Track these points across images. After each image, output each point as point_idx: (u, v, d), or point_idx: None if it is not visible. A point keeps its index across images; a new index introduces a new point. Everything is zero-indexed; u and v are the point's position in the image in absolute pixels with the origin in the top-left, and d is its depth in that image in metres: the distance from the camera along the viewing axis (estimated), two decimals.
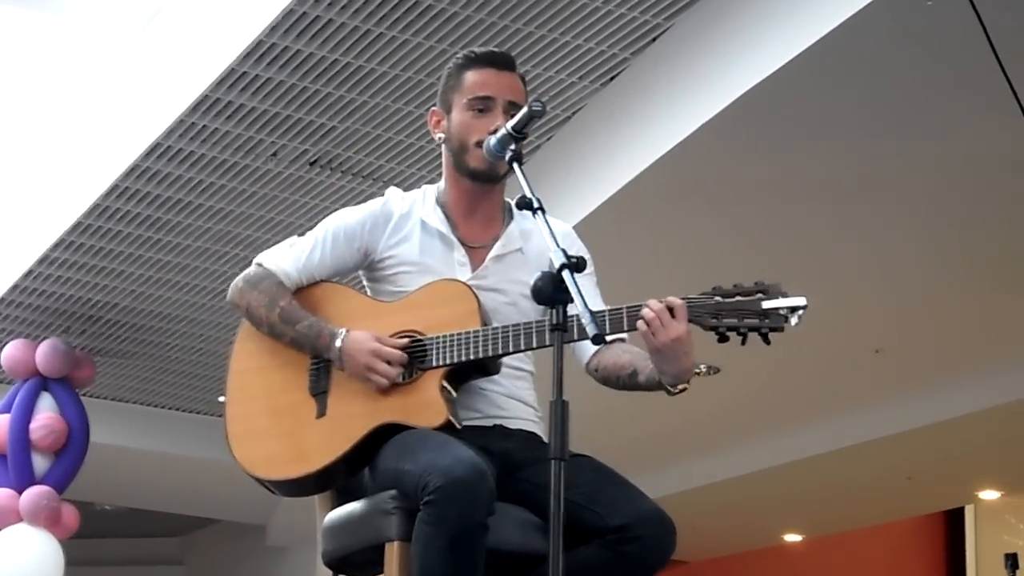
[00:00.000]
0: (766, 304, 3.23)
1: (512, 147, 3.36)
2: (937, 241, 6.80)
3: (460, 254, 3.58)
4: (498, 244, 3.60)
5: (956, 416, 8.64)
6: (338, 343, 3.44)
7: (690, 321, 3.24)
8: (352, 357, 3.42)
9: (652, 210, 6.49)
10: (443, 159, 3.66)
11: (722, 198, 6.48)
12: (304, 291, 3.63)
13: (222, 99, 6.38)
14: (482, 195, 3.59)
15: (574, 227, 3.77)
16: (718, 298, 3.25)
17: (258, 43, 5.94)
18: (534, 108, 3.33)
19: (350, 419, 3.43)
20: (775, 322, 3.21)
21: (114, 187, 7.14)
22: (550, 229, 3.14)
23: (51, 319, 8.79)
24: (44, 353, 8.79)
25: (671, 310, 3.21)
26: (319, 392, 3.50)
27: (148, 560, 14.00)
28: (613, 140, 6.24)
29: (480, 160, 3.51)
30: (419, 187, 3.76)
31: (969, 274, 7.14)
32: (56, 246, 7.79)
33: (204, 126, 6.60)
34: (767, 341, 3.23)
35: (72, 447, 8.86)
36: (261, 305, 3.58)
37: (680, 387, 3.31)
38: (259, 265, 3.66)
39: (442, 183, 3.69)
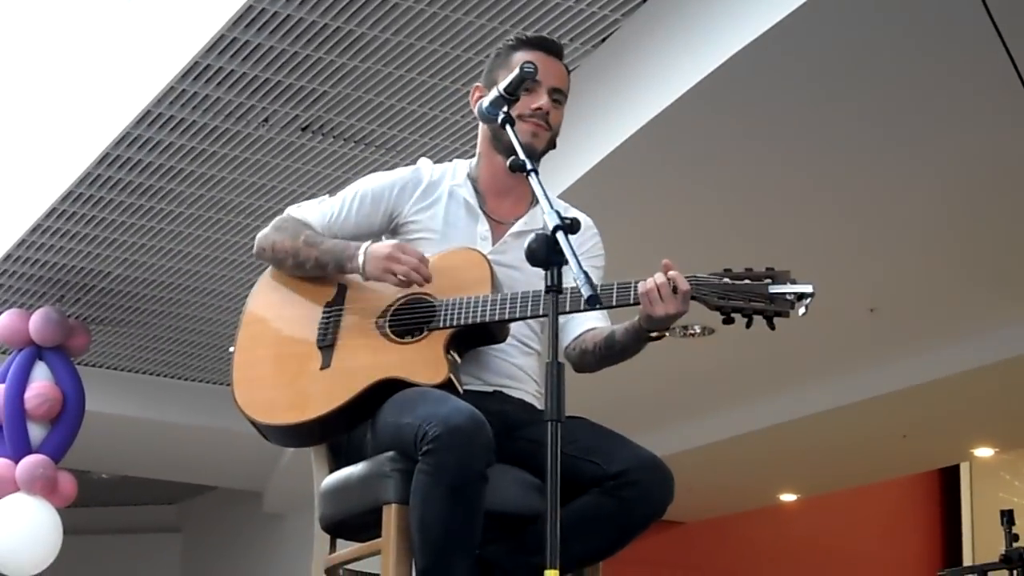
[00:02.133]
0: (773, 289, 3.26)
1: (504, 109, 3.38)
2: (931, 201, 6.80)
3: (484, 228, 3.65)
4: (520, 221, 3.67)
5: (951, 374, 8.65)
6: (362, 251, 3.53)
7: (696, 299, 3.30)
8: (375, 254, 3.50)
9: (642, 174, 6.48)
10: (480, 134, 3.70)
11: (713, 162, 6.47)
12: None
13: (212, 65, 6.36)
14: (516, 176, 3.60)
15: (563, 192, 3.80)
16: (727, 280, 3.29)
17: (248, 8, 5.92)
18: (525, 69, 3.35)
19: (352, 372, 3.48)
20: (781, 307, 3.25)
21: (105, 155, 7.13)
22: (544, 191, 3.15)
23: (45, 288, 8.79)
24: (38, 322, 8.78)
25: (675, 288, 3.25)
26: (326, 345, 3.55)
27: (145, 528, 14.03)
28: (605, 102, 6.22)
29: (525, 132, 3.55)
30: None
31: (964, 233, 7.14)
32: (48, 215, 7.79)
33: (195, 93, 6.58)
34: (772, 326, 3.27)
35: (67, 416, 8.86)
36: (286, 239, 3.66)
37: (656, 333, 3.39)
38: (287, 213, 3.75)
39: (475, 159, 3.76)
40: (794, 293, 3.25)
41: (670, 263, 3.31)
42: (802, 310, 3.25)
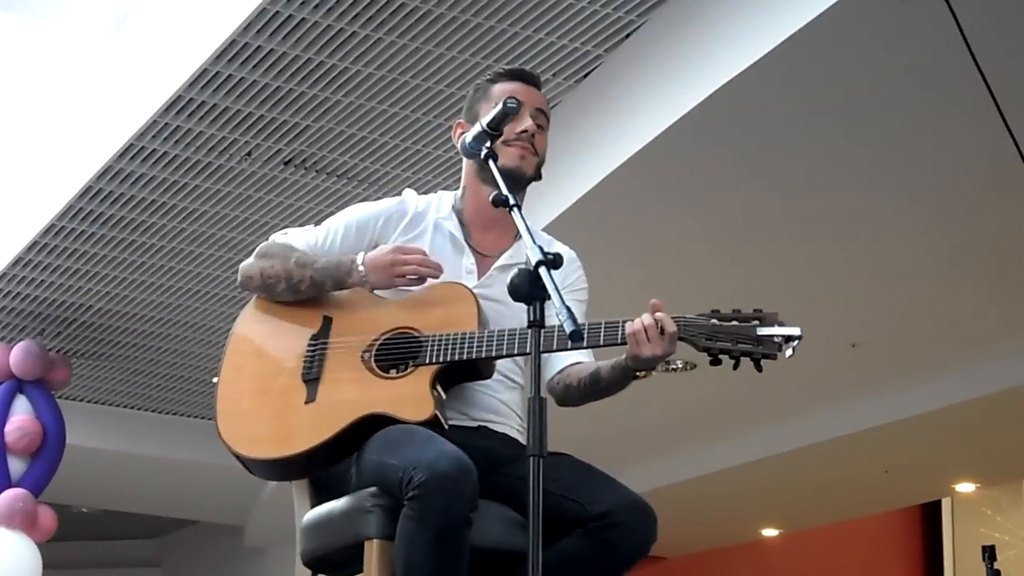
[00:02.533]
0: (761, 331, 3.26)
1: (487, 144, 3.38)
2: (913, 236, 6.81)
3: (469, 261, 3.64)
4: (506, 255, 3.65)
5: (932, 409, 8.66)
6: (360, 263, 3.52)
7: (684, 340, 3.30)
8: (376, 261, 3.51)
9: (626, 207, 6.49)
10: (465, 167, 3.69)
11: (696, 195, 6.48)
12: None
13: (195, 99, 6.36)
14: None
15: (547, 225, 3.80)
16: (715, 320, 3.29)
17: (231, 43, 5.93)
18: (508, 105, 3.35)
19: (337, 407, 3.45)
20: (768, 349, 3.25)
21: (88, 188, 7.12)
22: (526, 225, 3.15)
23: (25, 321, 8.77)
24: (19, 356, 8.75)
25: (663, 330, 3.26)
26: (311, 379, 3.53)
27: (126, 562, 13.96)
28: (587, 136, 6.24)
29: (511, 156, 3.56)
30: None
31: (945, 269, 7.16)
32: (30, 248, 7.77)
33: (178, 126, 6.58)
34: (759, 368, 3.27)
35: (48, 449, 8.83)
36: (275, 263, 3.65)
37: (642, 373, 3.38)
38: (272, 239, 3.75)
39: (460, 191, 3.75)
40: (782, 336, 3.25)
41: (659, 304, 3.31)
42: (789, 352, 3.25)
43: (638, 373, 3.39)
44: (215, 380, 3.69)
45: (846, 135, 5.96)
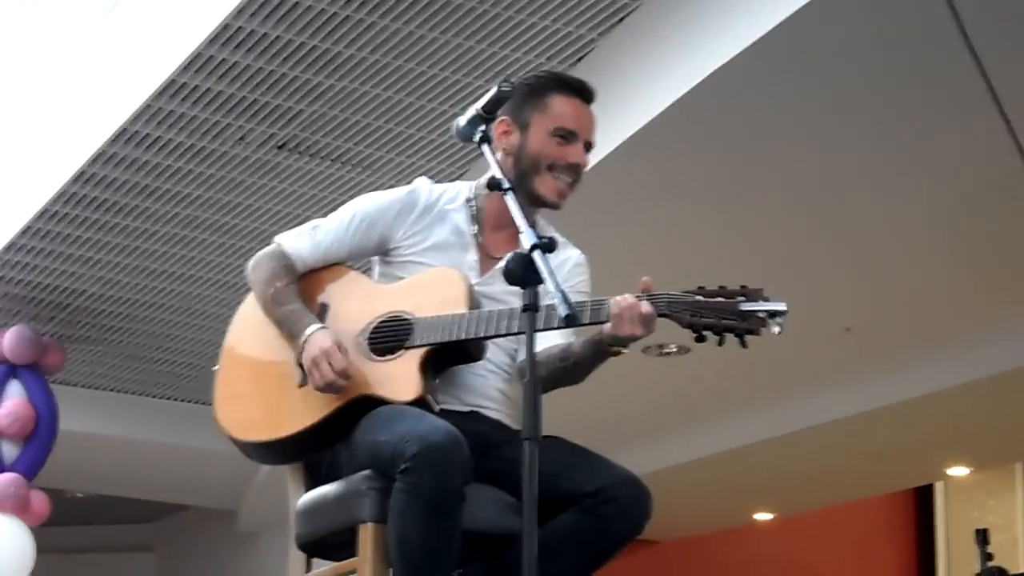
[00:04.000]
0: (745, 306, 3.25)
1: (482, 128, 3.39)
2: (907, 220, 6.82)
3: (473, 258, 3.63)
4: None
5: (926, 393, 8.67)
6: (304, 335, 3.49)
7: (668, 316, 3.29)
8: (307, 351, 3.46)
9: (620, 192, 6.49)
10: (499, 164, 3.58)
11: (690, 180, 6.48)
12: (315, 270, 3.70)
13: (188, 83, 6.35)
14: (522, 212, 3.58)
15: (539, 212, 3.78)
16: (699, 297, 3.28)
17: (224, 26, 5.92)
18: (502, 89, 3.36)
19: None
20: (752, 324, 3.24)
21: (80, 173, 7.11)
22: (520, 211, 3.16)
23: (19, 306, 8.76)
24: (12, 340, 8.75)
25: (640, 314, 3.24)
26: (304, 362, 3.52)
27: (119, 547, 13.95)
28: None
29: (551, 191, 3.58)
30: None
31: (939, 253, 7.16)
32: (23, 233, 7.76)
33: (171, 111, 6.57)
34: (743, 344, 3.26)
35: (40, 434, 8.82)
36: (261, 282, 3.65)
37: (617, 348, 3.36)
38: (277, 244, 3.72)
39: (479, 184, 3.70)
40: (766, 311, 3.24)
41: (649, 282, 3.31)
42: (776, 328, 3.24)
43: (612, 348, 3.38)
44: (215, 368, 3.71)
45: (841, 120, 5.96)
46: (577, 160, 3.61)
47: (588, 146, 3.66)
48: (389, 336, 3.49)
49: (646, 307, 3.25)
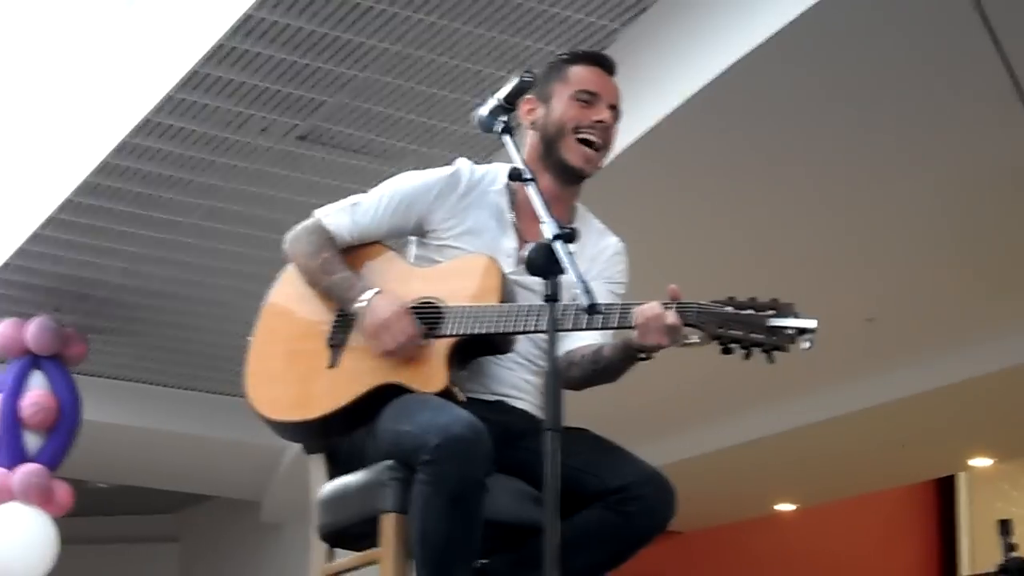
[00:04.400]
0: (774, 322, 3.22)
1: (503, 118, 3.38)
2: (929, 211, 6.80)
3: (511, 244, 3.60)
4: None
5: (948, 384, 8.65)
6: (365, 298, 3.47)
7: (695, 326, 3.27)
8: (374, 312, 3.44)
9: (641, 183, 6.48)
10: (529, 146, 3.60)
11: (712, 172, 6.47)
12: (351, 248, 3.68)
13: (211, 75, 6.36)
14: (556, 195, 3.56)
15: None
16: (730, 308, 3.25)
17: (247, 17, 5.92)
18: (524, 79, 3.36)
19: (357, 374, 3.48)
20: (780, 341, 3.22)
21: (104, 164, 7.13)
22: (541, 199, 3.15)
23: (42, 297, 8.78)
24: (35, 331, 8.77)
25: (665, 324, 3.23)
26: (335, 344, 3.54)
27: (143, 537, 13.99)
28: None
29: (575, 152, 3.55)
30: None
31: (962, 243, 7.14)
32: (46, 224, 7.78)
33: (193, 102, 6.58)
34: (771, 360, 3.22)
35: (63, 425, 8.85)
36: (305, 254, 3.63)
37: (643, 355, 3.36)
38: (317, 219, 3.70)
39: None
40: (796, 328, 3.21)
41: (676, 290, 3.28)
42: (806, 344, 3.21)
43: (640, 355, 3.36)
44: (250, 338, 3.71)
45: (859, 112, 5.94)
46: (601, 117, 3.57)
47: (615, 111, 3.62)
48: (420, 323, 3.48)
49: (672, 317, 3.23)
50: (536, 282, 3.32)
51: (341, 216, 3.68)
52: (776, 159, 6.34)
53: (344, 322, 3.55)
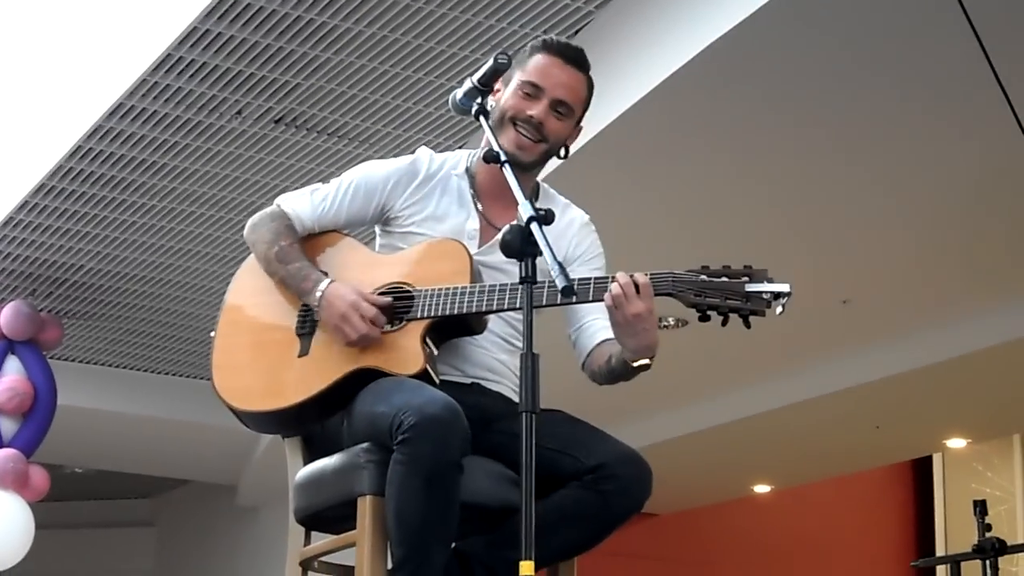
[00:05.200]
0: (750, 287, 3.24)
1: (478, 100, 3.38)
2: (904, 192, 6.81)
3: (473, 226, 3.61)
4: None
5: (924, 365, 8.68)
6: (319, 290, 3.47)
7: (672, 295, 3.27)
8: (331, 305, 3.45)
9: (618, 166, 6.48)
10: (485, 131, 3.62)
11: (689, 151, 6.47)
12: (311, 237, 3.67)
13: (185, 58, 6.34)
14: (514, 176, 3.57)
15: (540, 180, 3.77)
16: (704, 276, 3.26)
17: (220, 0, 5.90)
18: (499, 61, 3.35)
19: (328, 361, 3.47)
20: (756, 306, 3.23)
21: (78, 148, 7.10)
22: (517, 181, 3.16)
23: (16, 282, 8.76)
24: (9, 316, 8.75)
25: (636, 286, 3.23)
26: (304, 333, 3.54)
27: (119, 522, 13.99)
28: None
29: (511, 142, 3.53)
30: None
31: (936, 224, 7.16)
32: (20, 208, 7.76)
33: (168, 85, 6.56)
34: (747, 324, 3.25)
35: (39, 409, 8.83)
36: (264, 241, 3.62)
37: (640, 362, 3.35)
38: (277, 206, 3.69)
39: (476, 153, 3.70)
40: (771, 292, 3.24)
41: (621, 274, 3.28)
42: (779, 309, 3.23)
43: (635, 364, 3.36)
44: (212, 334, 3.70)
45: (836, 95, 5.94)
46: (533, 113, 3.52)
47: (560, 106, 3.55)
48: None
49: (642, 277, 3.24)
50: (502, 261, 3.33)
51: (302, 202, 3.67)
52: (751, 141, 6.35)
53: (311, 309, 3.55)
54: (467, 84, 3.41)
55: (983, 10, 5.04)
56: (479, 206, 3.63)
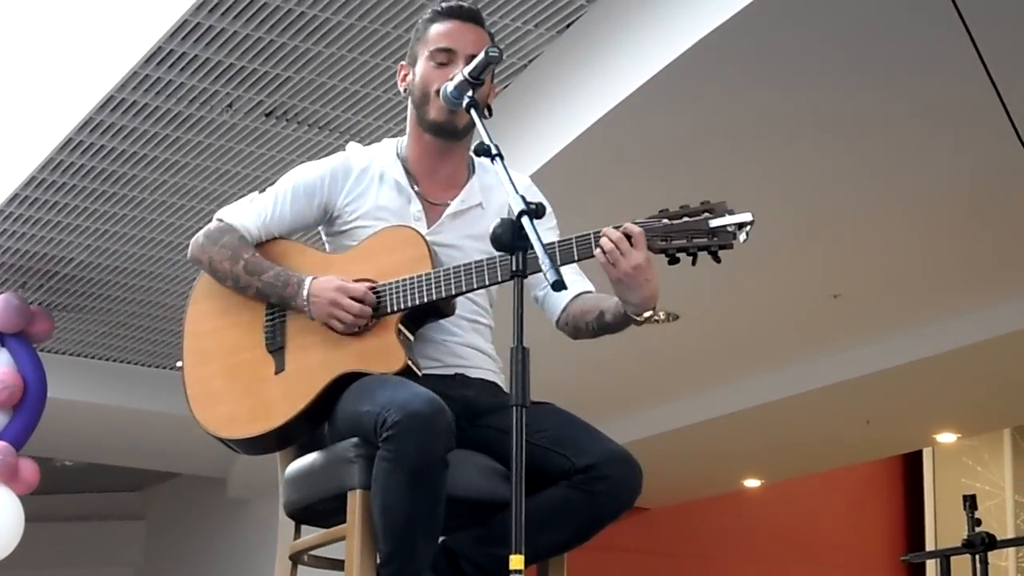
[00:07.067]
0: (713, 223, 3.24)
1: (469, 93, 3.37)
2: (896, 186, 6.81)
3: (416, 208, 3.58)
4: (456, 200, 3.59)
5: (914, 360, 8.68)
6: (305, 289, 3.44)
7: None
8: (318, 299, 3.42)
9: (610, 157, 6.48)
10: (408, 114, 3.64)
11: (682, 143, 6.46)
12: (259, 247, 3.62)
13: (176, 50, 6.33)
14: (444, 152, 3.60)
15: (531, 175, 3.78)
16: (666, 220, 3.27)
17: None
18: (490, 54, 3.34)
19: (309, 372, 3.44)
20: (723, 239, 3.23)
21: (68, 141, 7.09)
22: (509, 176, 3.14)
23: (6, 274, 8.74)
24: None
25: (629, 238, 3.22)
26: (276, 348, 3.51)
27: (109, 515, 13.97)
28: (569, 88, 6.22)
29: (440, 110, 3.52)
30: (378, 139, 3.77)
31: (928, 220, 7.16)
32: (10, 201, 7.74)
33: (158, 78, 6.55)
34: (717, 259, 3.25)
35: (29, 402, 8.82)
36: (224, 259, 3.56)
37: (646, 315, 3.34)
38: (220, 220, 3.64)
39: (405, 138, 3.69)
40: (734, 223, 3.23)
41: (609, 229, 3.27)
42: (743, 237, 3.22)
43: (641, 318, 3.36)
44: (179, 365, 3.66)
45: (828, 89, 5.94)
46: (451, 75, 3.48)
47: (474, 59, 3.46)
48: None
49: (634, 227, 3.23)
50: (453, 238, 3.34)
51: (244, 213, 3.63)
52: (742, 136, 6.35)
53: (275, 323, 3.51)
54: (458, 77, 3.40)
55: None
56: (416, 188, 3.60)
